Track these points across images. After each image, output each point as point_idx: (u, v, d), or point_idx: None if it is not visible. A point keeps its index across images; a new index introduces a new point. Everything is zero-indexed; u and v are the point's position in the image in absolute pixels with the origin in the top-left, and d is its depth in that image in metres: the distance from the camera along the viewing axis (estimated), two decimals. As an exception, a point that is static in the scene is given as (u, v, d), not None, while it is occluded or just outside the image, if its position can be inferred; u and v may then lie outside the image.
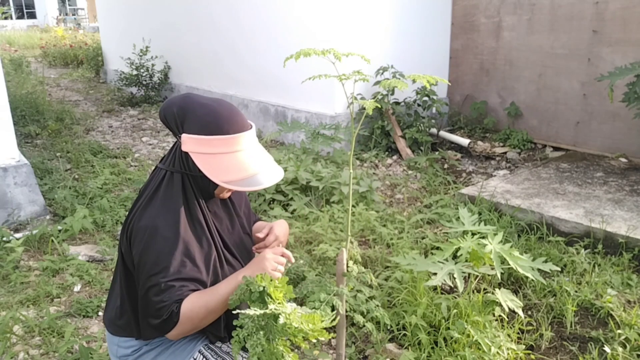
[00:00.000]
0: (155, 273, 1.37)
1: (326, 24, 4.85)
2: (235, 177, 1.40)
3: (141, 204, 1.44)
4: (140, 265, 1.39)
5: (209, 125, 1.40)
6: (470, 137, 5.46)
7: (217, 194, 1.52)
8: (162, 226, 1.38)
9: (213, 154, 1.40)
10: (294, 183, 3.79)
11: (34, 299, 2.69)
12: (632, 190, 3.75)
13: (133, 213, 1.45)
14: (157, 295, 1.36)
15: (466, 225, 2.45)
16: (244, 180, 1.40)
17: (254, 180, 1.42)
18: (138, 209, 1.44)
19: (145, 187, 1.50)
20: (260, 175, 1.43)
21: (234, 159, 1.41)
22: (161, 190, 1.44)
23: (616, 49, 4.49)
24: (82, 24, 22.48)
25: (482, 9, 5.39)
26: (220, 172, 1.39)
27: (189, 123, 1.41)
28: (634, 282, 2.69)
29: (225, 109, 1.44)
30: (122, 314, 1.52)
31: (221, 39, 6.25)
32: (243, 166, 1.41)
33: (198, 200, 1.47)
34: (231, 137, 1.40)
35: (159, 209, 1.41)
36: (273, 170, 1.48)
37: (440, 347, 2.16)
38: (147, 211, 1.41)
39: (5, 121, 3.58)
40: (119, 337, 1.55)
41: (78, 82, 9.85)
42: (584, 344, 2.31)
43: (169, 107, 1.44)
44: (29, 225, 3.54)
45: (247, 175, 1.41)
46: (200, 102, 1.43)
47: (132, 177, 4.42)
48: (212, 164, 1.39)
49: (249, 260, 1.62)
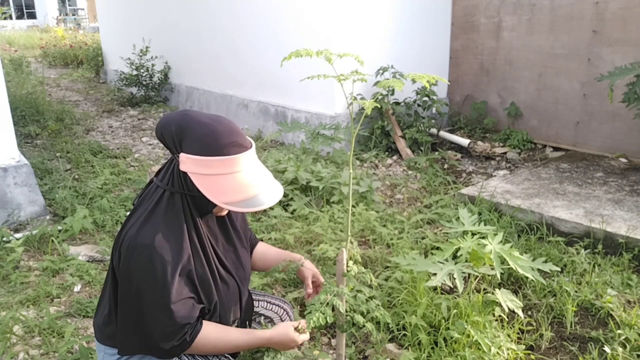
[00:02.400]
0: (158, 295, 1.36)
1: (326, 24, 4.85)
2: (236, 199, 1.37)
3: (138, 219, 1.41)
4: (135, 284, 1.37)
5: (208, 146, 1.36)
6: (470, 137, 5.47)
7: (216, 212, 1.51)
8: (162, 246, 1.36)
9: (212, 175, 1.37)
10: (294, 183, 3.79)
11: (34, 299, 2.69)
12: (632, 191, 3.75)
13: (128, 227, 1.42)
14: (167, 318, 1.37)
15: (466, 226, 2.45)
16: (244, 202, 1.38)
17: (255, 201, 1.39)
18: (134, 224, 1.41)
19: (141, 201, 1.47)
20: (261, 195, 1.41)
21: (233, 179, 1.38)
22: (161, 209, 1.41)
23: (616, 49, 4.49)
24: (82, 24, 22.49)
25: (482, 9, 5.39)
26: (220, 193, 1.37)
27: (187, 143, 1.38)
28: (634, 282, 2.69)
29: (225, 128, 1.40)
30: (109, 322, 1.52)
31: (221, 39, 6.25)
32: (243, 187, 1.39)
33: (195, 220, 1.46)
34: (231, 159, 1.37)
35: (160, 228, 1.39)
36: (273, 189, 1.46)
37: (440, 347, 2.16)
38: (145, 229, 1.38)
39: (5, 121, 3.58)
40: (105, 345, 1.55)
41: (78, 82, 9.86)
42: (584, 344, 2.31)
43: (167, 126, 1.41)
44: (29, 226, 3.54)
45: (248, 197, 1.39)
46: (200, 121, 1.40)
47: (132, 177, 4.42)
48: (212, 184, 1.37)
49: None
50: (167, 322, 1.38)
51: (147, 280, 1.36)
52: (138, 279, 1.36)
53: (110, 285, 1.49)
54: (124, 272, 1.39)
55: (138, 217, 1.42)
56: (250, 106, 6.01)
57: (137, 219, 1.41)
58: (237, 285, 1.60)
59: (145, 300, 1.37)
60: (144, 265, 1.35)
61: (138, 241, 1.36)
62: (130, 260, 1.37)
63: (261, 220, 3.47)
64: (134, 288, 1.37)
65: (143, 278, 1.36)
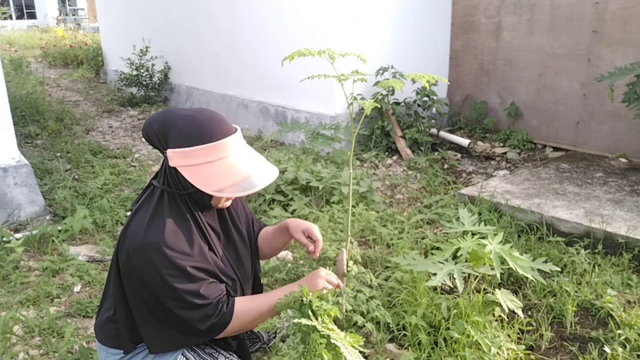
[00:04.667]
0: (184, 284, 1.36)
1: (326, 24, 4.85)
2: (227, 184, 1.36)
3: (142, 221, 1.40)
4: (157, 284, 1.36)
5: (191, 137, 1.36)
6: (470, 137, 5.47)
7: (215, 204, 1.49)
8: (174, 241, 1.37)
9: (200, 164, 1.36)
10: (294, 183, 3.79)
11: (34, 299, 2.69)
12: (632, 191, 3.75)
13: (133, 232, 1.40)
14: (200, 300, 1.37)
15: (466, 226, 2.45)
16: (236, 186, 1.36)
17: (248, 184, 1.38)
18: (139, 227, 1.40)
19: (141, 205, 1.46)
20: (253, 177, 1.39)
21: (222, 165, 1.37)
22: (163, 208, 1.41)
23: (616, 49, 4.49)
24: (82, 24, 22.49)
25: (482, 9, 5.39)
26: (210, 182, 1.36)
27: (171, 138, 1.38)
28: (634, 282, 2.69)
29: (206, 116, 1.40)
30: (113, 321, 1.53)
31: (221, 39, 6.25)
32: (233, 171, 1.37)
33: (196, 216, 1.46)
34: (216, 145, 1.36)
35: (166, 225, 1.38)
36: (267, 170, 1.44)
37: (440, 348, 2.16)
38: (152, 229, 1.38)
39: (5, 121, 3.58)
40: (107, 346, 1.55)
41: (78, 82, 9.85)
42: (584, 344, 2.30)
43: (150, 125, 1.41)
44: (29, 226, 3.54)
45: (239, 180, 1.37)
46: (180, 115, 1.40)
47: (132, 177, 4.42)
48: (201, 174, 1.36)
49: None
50: (201, 304, 1.37)
51: (168, 275, 1.35)
52: (160, 278, 1.35)
53: (116, 288, 1.49)
54: (140, 277, 1.37)
55: (141, 219, 1.41)
56: (250, 106, 6.01)
57: (141, 222, 1.40)
58: (240, 283, 1.60)
59: (172, 296, 1.36)
60: (161, 262, 1.35)
61: (148, 241, 1.36)
62: (145, 263, 1.36)
63: (261, 220, 3.47)
64: (157, 288, 1.36)
65: (164, 275, 1.35)
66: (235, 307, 1.42)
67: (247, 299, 1.47)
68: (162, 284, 1.35)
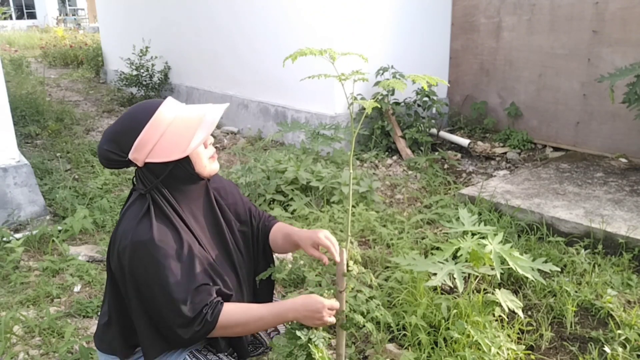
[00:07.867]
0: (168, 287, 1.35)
1: (326, 24, 4.85)
2: (190, 136, 1.40)
3: (129, 224, 1.41)
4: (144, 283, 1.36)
5: (133, 129, 1.39)
6: (470, 137, 5.47)
7: (201, 172, 1.48)
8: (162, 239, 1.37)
9: (158, 141, 1.39)
10: (294, 183, 3.79)
11: (34, 299, 2.69)
12: (632, 191, 3.75)
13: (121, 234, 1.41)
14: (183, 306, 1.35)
15: (466, 226, 2.45)
16: (199, 129, 1.40)
17: (207, 121, 1.42)
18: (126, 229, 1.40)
19: (128, 208, 1.47)
20: (207, 115, 1.43)
21: (175, 127, 1.41)
22: (148, 209, 1.41)
23: (616, 49, 4.49)
24: (82, 24, 22.49)
25: (482, 9, 5.39)
26: (176, 146, 1.39)
27: (122, 144, 1.40)
28: (634, 283, 2.69)
29: (136, 107, 1.45)
30: (107, 330, 1.53)
31: (221, 39, 6.25)
32: (188, 123, 1.41)
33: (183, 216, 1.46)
34: (156, 116, 1.40)
35: (153, 224, 1.38)
36: (214, 106, 1.48)
37: (440, 348, 2.16)
38: (139, 227, 1.38)
39: (5, 121, 3.58)
40: (106, 354, 1.55)
41: (78, 82, 9.85)
42: (584, 344, 2.31)
43: (101, 150, 1.44)
44: (29, 226, 3.54)
45: (197, 124, 1.41)
46: (113, 124, 1.45)
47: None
48: (166, 148, 1.39)
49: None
50: (184, 309, 1.36)
51: (155, 275, 1.35)
52: (145, 278, 1.35)
53: (111, 294, 1.49)
54: (131, 273, 1.37)
55: (128, 222, 1.42)
56: (250, 106, 6.01)
57: (128, 223, 1.41)
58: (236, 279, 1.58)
59: (158, 295, 1.36)
60: (147, 260, 1.35)
61: (137, 239, 1.36)
62: (132, 262, 1.36)
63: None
64: (145, 288, 1.37)
65: (150, 274, 1.35)
66: (220, 317, 1.39)
67: (235, 307, 1.44)
68: (152, 279, 1.36)
